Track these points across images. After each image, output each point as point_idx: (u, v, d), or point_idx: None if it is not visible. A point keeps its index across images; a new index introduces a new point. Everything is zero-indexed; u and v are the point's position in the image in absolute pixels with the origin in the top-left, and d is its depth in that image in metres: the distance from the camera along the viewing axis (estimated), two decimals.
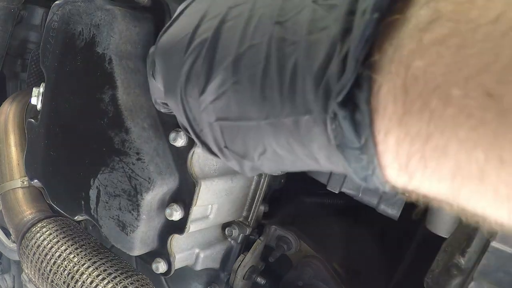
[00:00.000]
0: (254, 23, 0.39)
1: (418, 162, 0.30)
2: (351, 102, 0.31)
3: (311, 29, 0.34)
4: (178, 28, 0.50)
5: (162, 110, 0.64)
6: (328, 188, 0.97)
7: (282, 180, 1.07)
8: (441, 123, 0.27)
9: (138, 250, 0.79)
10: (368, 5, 0.30)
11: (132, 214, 0.76)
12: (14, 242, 1.17)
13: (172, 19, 0.53)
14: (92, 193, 0.80)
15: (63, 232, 0.91)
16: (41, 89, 0.86)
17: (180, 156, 0.77)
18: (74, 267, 0.83)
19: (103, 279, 0.80)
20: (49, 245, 0.87)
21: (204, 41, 0.43)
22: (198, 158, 0.79)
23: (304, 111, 0.35)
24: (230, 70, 0.40)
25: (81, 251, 0.86)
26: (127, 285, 0.80)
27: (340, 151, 0.34)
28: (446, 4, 0.27)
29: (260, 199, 0.95)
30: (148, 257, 0.83)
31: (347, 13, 0.32)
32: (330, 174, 0.96)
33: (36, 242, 0.89)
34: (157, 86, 0.57)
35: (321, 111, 0.33)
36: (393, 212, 0.92)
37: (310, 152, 0.38)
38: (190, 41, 0.45)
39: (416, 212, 0.43)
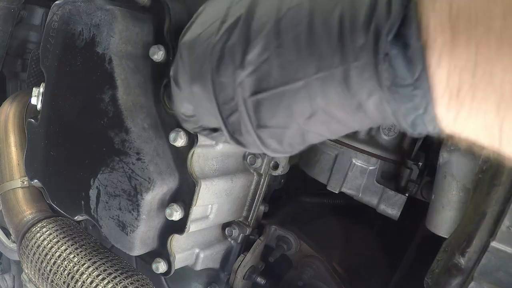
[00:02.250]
0: None
1: (467, 91, 0.31)
2: (401, 40, 0.33)
3: None
4: (203, 21, 0.50)
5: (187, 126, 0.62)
6: (328, 188, 0.97)
7: (282, 180, 1.07)
8: (486, 52, 0.30)
9: (138, 250, 0.79)
10: None
11: (132, 214, 0.76)
12: (14, 242, 1.17)
13: (191, 20, 0.53)
14: (92, 193, 0.80)
15: (63, 232, 0.91)
16: (41, 89, 0.86)
17: (180, 156, 0.77)
18: (74, 267, 0.83)
19: (103, 279, 0.80)
20: (49, 245, 0.87)
21: (238, 19, 0.44)
22: (198, 158, 0.79)
23: (354, 58, 0.36)
24: (271, 35, 0.41)
25: (81, 251, 0.86)
26: (127, 285, 0.80)
27: (392, 92, 0.35)
28: None
29: (260, 199, 0.95)
30: (148, 257, 0.83)
31: None
32: (330, 174, 0.96)
33: (36, 242, 0.89)
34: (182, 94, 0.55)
35: (372, 53, 0.35)
36: (393, 212, 0.92)
37: (359, 103, 0.38)
38: (221, 24, 0.46)
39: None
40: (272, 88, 0.42)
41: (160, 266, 0.82)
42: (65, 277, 0.82)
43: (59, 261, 0.84)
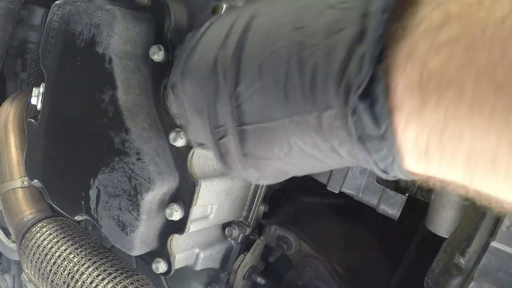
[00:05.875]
0: (274, 31, 0.42)
1: (435, 150, 0.32)
2: (370, 96, 0.34)
3: (329, 32, 0.37)
4: (205, 46, 0.52)
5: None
6: (328, 188, 0.97)
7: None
8: (456, 113, 0.30)
9: (138, 250, 0.79)
10: (378, 6, 0.34)
11: (132, 214, 0.76)
12: (14, 242, 1.17)
13: (196, 40, 0.55)
14: (92, 193, 0.80)
15: (63, 232, 0.91)
16: (41, 89, 0.86)
17: (180, 156, 0.77)
18: (74, 267, 0.83)
19: (103, 279, 0.80)
20: (49, 245, 0.87)
21: (229, 53, 0.46)
22: (198, 158, 0.79)
23: (325, 107, 0.38)
24: (255, 75, 0.43)
25: (81, 251, 0.86)
26: (127, 285, 0.80)
27: (361, 143, 0.36)
28: (456, 5, 0.30)
29: (260, 199, 0.95)
30: (148, 257, 0.83)
31: (361, 15, 0.35)
32: (330, 174, 0.96)
33: (36, 242, 0.89)
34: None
35: (342, 105, 0.36)
36: (393, 212, 0.92)
37: (332, 146, 0.40)
38: (216, 56, 0.48)
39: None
40: (255, 123, 0.45)
41: (160, 266, 0.82)
42: (65, 277, 0.82)
43: (59, 261, 0.84)
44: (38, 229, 0.92)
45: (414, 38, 0.32)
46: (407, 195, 0.91)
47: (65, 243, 0.87)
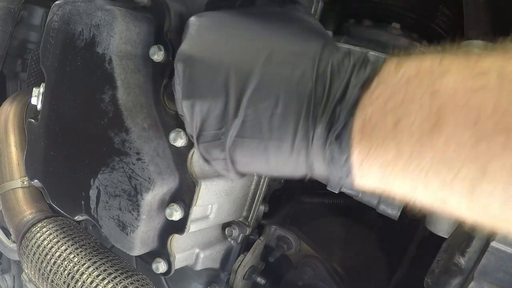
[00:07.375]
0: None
1: (370, 164, 0.48)
2: (340, 138, 0.50)
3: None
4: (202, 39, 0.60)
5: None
6: (328, 188, 0.97)
7: (282, 180, 1.07)
8: (383, 150, 0.46)
9: (138, 250, 0.79)
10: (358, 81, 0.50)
11: (132, 214, 0.76)
12: (14, 242, 1.17)
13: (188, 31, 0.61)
14: (92, 193, 0.80)
15: (63, 232, 0.91)
16: (41, 89, 0.86)
17: (180, 156, 0.77)
18: (74, 267, 0.83)
19: (103, 279, 0.80)
20: (49, 245, 0.87)
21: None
22: (198, 158, 0.79)
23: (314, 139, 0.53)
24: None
25: (81, 251, 0.86)
26: (127, 285, 0.80)
27: (330, 165, 0.53)
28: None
29: (260, 199, 0.95)
30: (148, 257, 0.83)
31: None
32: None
33: (36, 242, 0.89)
34: None
35: (324, 138, 0.52)
36: (393, 212, 0.92)
37: (311, 167, 0.57)
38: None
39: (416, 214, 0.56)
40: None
41: (160, 266, 0.82)
42: (65, 277, 0.82)
43: (59, 261, 0.84)
44: (38, 229, 0.92)
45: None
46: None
47: (65, 243, 0.87)
